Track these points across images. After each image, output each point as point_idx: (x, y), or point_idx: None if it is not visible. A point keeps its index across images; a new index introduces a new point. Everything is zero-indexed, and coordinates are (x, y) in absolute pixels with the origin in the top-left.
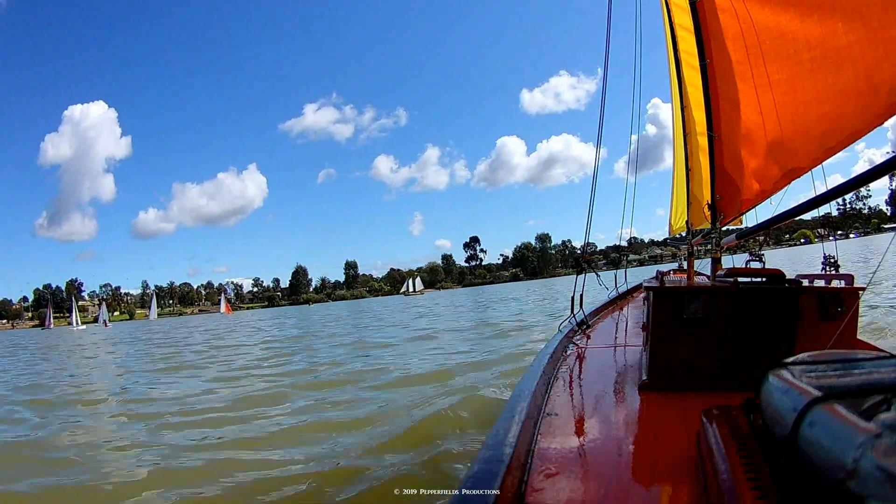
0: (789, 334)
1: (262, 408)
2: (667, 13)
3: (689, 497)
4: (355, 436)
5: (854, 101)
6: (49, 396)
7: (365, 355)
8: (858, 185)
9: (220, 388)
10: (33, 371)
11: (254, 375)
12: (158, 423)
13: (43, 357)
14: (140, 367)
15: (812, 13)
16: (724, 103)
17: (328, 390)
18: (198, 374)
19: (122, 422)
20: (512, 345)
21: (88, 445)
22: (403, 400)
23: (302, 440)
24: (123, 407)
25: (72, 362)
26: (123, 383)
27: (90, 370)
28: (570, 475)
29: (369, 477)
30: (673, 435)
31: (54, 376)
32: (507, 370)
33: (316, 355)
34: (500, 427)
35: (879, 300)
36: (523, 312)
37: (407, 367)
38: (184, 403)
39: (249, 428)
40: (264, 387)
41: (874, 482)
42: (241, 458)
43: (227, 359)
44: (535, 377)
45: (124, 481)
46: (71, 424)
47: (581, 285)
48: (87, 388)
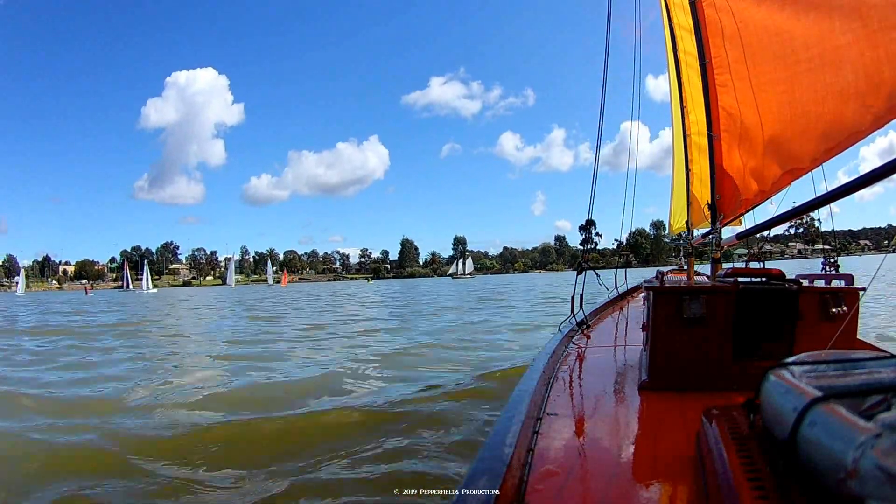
0: (789, 334)
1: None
2: (666, 13)
3: (689, 497)
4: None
5: (854, 102)
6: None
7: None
8: (860, 187)
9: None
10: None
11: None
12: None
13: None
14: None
15: (811, 13)
16: (724, 103)
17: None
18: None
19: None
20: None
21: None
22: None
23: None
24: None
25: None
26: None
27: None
28: (570, 475)
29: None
30: (673, 435)
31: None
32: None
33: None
34: (500, 427)
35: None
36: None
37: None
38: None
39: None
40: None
41: (874, 482)
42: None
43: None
44: (535, 377)
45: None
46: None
47: (581, 285)
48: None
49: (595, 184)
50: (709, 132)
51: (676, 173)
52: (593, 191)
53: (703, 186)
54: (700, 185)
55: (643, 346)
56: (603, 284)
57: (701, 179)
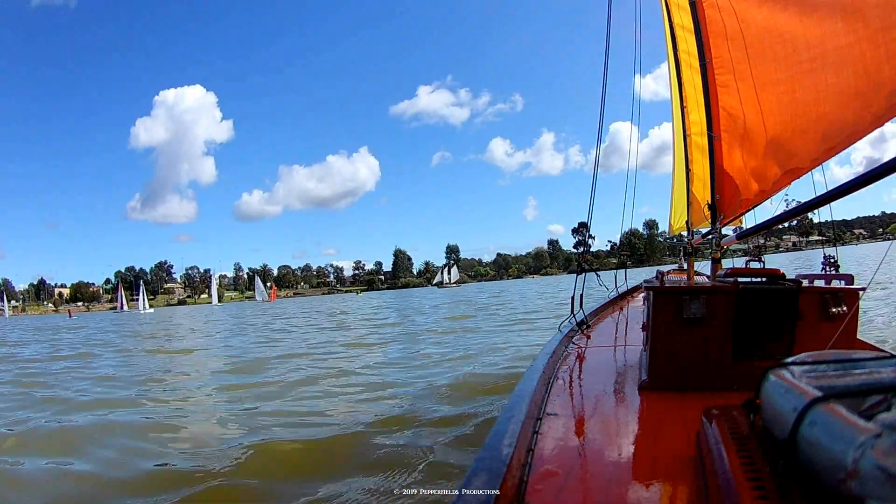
0: (789, 334)
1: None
2: (666, 13)
3: (689, 497)
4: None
5: (854, 102)
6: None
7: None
8: (860, 186)
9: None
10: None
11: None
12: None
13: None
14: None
15: (812, 13)
16: (724, 103)
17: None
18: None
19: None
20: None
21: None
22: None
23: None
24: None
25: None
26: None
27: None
28: (570, 475)
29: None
30: (673, 435)
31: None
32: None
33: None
34: (500, 427)
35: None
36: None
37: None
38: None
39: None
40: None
41: (874, 482)
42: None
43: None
44: (535, 377)
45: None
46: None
47: (581, 285)
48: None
49: (595, 185)
50: (709, 132)
51: (676, 173)
52: (593, 192)
53: (703, 186)
54: (700, 185)
55: (643, 346)
56: (603, 285)
57: (701, 179)
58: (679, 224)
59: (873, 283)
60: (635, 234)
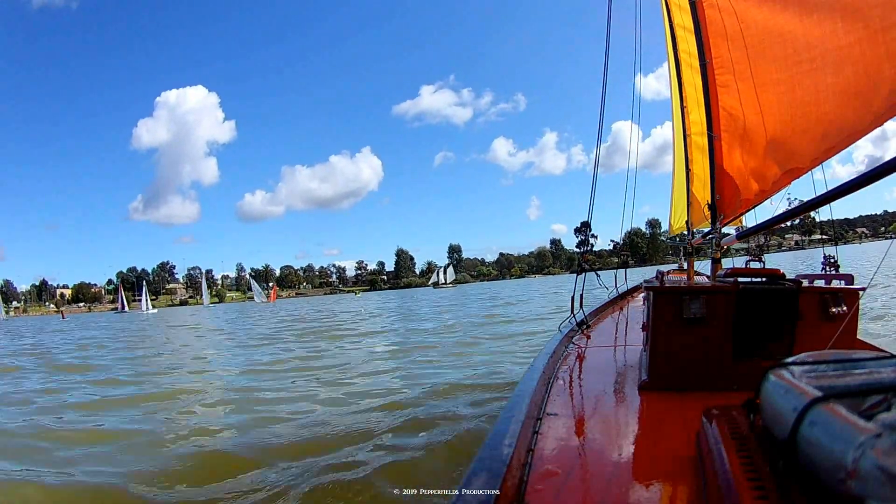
0: (789, 334)
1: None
2: (666, 13)
3: (689, 497)
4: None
5: (854, 101)
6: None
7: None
8: (861, 186)
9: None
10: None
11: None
12: None
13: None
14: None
15: (812, 13)
16: (724, 103)
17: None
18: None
19: None
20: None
21: None
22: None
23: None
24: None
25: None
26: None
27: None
28: (570, 475)
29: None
30: (673, 435)
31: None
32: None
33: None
34: (500, 427)
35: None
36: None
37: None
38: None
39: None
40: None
41: (874, 482)
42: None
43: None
44: (535, 377)
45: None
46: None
47: (581, 285)
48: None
49: (595, 185)
50: (709, 132)
51: (676, 173)
52: (593, 193)
53: (703, 186)
54: (700, 185)
55: (643, 346)
56: (603, 285)
57: (701, 179)
58: (679, 224)
59: (873, 282)
60: (638, 233)
